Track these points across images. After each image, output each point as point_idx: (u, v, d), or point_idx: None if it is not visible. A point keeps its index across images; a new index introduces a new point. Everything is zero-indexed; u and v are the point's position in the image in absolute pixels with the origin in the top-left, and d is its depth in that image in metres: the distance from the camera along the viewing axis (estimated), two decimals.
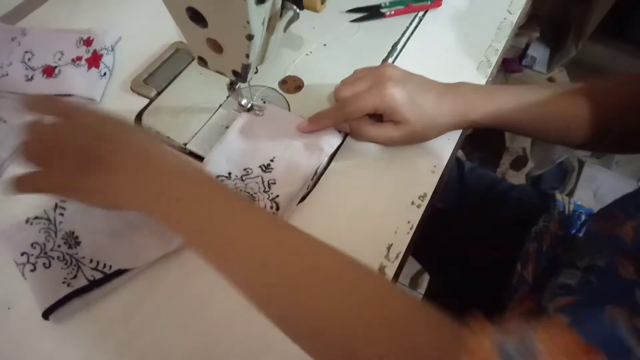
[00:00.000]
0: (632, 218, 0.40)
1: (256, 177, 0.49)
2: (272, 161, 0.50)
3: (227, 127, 0.54)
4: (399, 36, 0.63)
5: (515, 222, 0.64)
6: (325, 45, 0.62)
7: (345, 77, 0.53)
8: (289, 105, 0.56)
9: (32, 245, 0.45)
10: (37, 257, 0.45)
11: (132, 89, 0.58)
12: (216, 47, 0.44)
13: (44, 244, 0.45)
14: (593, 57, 1.37)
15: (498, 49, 0.62)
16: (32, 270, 0.44)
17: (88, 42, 0.59)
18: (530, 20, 1.32)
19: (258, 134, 0.52)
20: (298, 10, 0.42)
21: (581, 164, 1.36)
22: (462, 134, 0.55)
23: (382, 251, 0.47)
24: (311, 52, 0.61)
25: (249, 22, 0.38)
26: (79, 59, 0.58)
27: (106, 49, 0.59)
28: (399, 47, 0.62)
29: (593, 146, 0.54)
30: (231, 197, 0.38)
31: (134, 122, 0.55)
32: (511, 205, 0.66)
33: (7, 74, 0.57)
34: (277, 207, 0.47)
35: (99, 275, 0.44)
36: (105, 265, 0.44)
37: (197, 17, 0.41)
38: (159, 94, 0.58)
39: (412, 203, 0.50)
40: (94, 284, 0.43)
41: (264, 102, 0.55)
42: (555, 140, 0.55)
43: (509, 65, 1.48)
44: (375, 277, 0.38)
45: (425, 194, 0.51)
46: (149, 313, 0.44)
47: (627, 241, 0.39)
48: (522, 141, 1.21)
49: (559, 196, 0.64)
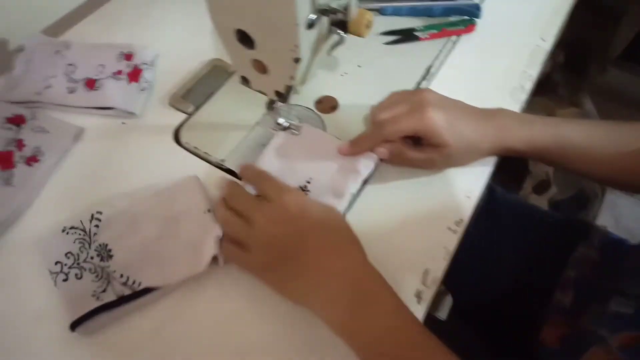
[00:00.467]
0: None
1: None
2: (308, 182, 0.51)
3: (263, 145, 0.55)
4: (433, 60, 0.63)
5: (549, 249, 0.64)
6: (359, 66, 0.63)
7: (382, 100, 0.53)
8: (324, 125, 0.57)
9: (66, 254, 0.46)
10: (70, 267, 0.45)
11: (170, 104, 0.59)
12: (261, 67, 0.45)
13: (78, 255, 0.46)
14: (617, 83, 1.37)
15: (532, 75, 0.62)
16: (64, 280, 0.44)
17: (129, 56, 0.61)
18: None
19: (295, 154, 0.53)
20: (344, 35, 0.43)
21: (603, 190, 1.34)
22: (496, 160, 0.55)
23: (418, 276, 0.47)
24: (346, 73, 0.62)
25: (297, 46, 0.39)
26: (120, 73, 0.60)
27: (146, 63, 0.60)
28: (432, 70, 0.62)
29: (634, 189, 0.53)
30: None
31: (172, 137, 0.56)
32: (544, 232, 0.66)
33: (50, 86, 0.58)
34: None
35: (127, 292, 0.44)
36: (134, 281, 0.44)
37: (245, 39, 0.42)
38: (196, 109, 0.59)
39: (449, 228, 0.50)
40: (122, 300, 0.43)
41: (300, 122, 0.56)
42: (593, 177, 0.55)
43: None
44: None
45: (461, 220, 0.51)
46: (175, 333, 0.44)
47: None
48: (545, 165, 1.20)
49: (598, 225, 0.64)
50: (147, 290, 0.44)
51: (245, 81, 0.49)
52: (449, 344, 0.40)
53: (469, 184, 0.53)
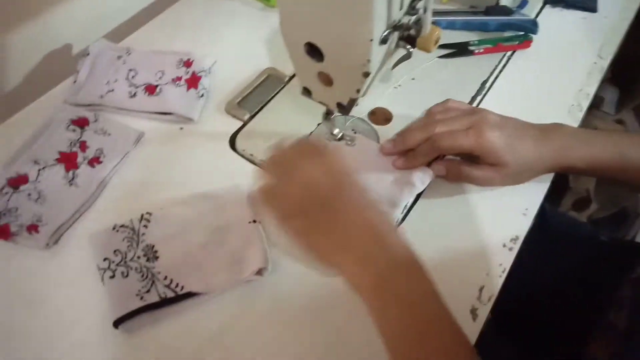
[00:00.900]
0: None
1: None
2: None
3: None
4: (488, 74, 0.63)
5: (600, 269, 0.62)
6: (413, 79, 0.63)
7: (436, 105, 0.53)
8: (378, 137, 0.57)
9: (114, 252, 0.47)
10: (118, 265, 0.46)
11: (226, 111, 0.61)
12: (327, 80, 0.45)
13: (126, 253, 0.47)
14: None
15: (589, 94, 0.61)
16: (111, 277, 0.46)
17: (188, 63, 0.62)
18: None
19: (349, 164, 0.53)
20: (411, 50, 0.44)
21: None
22: (553, 177, 0.55)
23: (473, 293, 0.47)
24: (400, 86, 0.62)
25: (369, 61, 0.40)
26: (179, 79, 0.61)
27: (204, 71, 0.62)
28: (487, 85, 0.62)
29: None
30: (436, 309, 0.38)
31: (229, 144, 0.57)
32: (595, 250, 0.64)
33: (113, 90, 0.60)
34: None
35: (170, 294, 0.45)
36: (177, 284, 0.45)
37: (314, 52, 0.43)
38: (251, 117, 0.60)
39: (504, 245, 0.50)
40: (164, 302, 0.44)
41: (355, 133, 0.56)
42: None
43: None
44: None
45: (517, 237, 0.50)
46: (210, 339, 0.44)
47: None
48: (587, 181, 1.18)
49: None
50: (189, 295, 0.45)
51: (307, 92, 0.50)
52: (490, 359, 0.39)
53: (525, 200, 0.53)
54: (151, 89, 0.60)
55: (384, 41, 0.39)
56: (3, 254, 0.49)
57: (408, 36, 0.43)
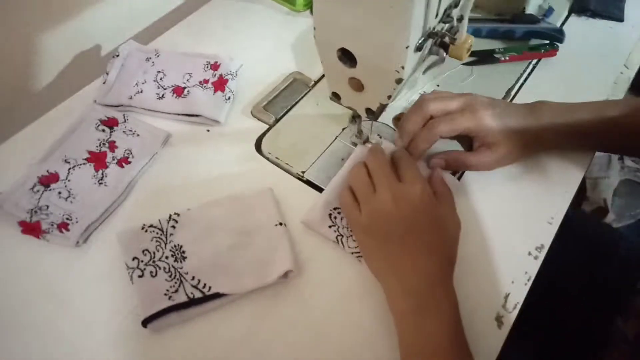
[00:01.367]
0: None
1: None
2: None
3: (342, 159, 0.56)
4: (513, 82, 0.63)
5: (620, 274, 0.62)
6: (438, 85, 0.63)
7: (427, 94, 0.54)
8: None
9: (143, 251, 0.48)
10: (146, 265, 0.47)
11: (252, 114, 0.61)
12: (358, 86, 0.46)
13: (154, 253, 0.48)
14: None
15: None
16: (139, 276, 0.46)
17: (215, 66, 0.63)
18: None
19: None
20: (445, 55, 0.44)
21: None
22: (579, 184, 0.55)
23: (499, 300, 0.47)
24: (424, 92, 0.62)
25: (403, 67, 0.40)
26: (206, 81, 0.62)
27: (231, 74, 0.62)
28: (512, 93, 0.62)
29: None
30: None
31: (254, 147, 0.58)
32: (618, 254, 0.64)
33: (142, 91, 0.61)
34: None
35: (198, 294, 0.45)
36: (205, 285, 0.46)
37: (346, 57, 0.43)
38: (277, 121, 0.60)
39: (529, 254, 0.50)
40: (192, 302, 0.45)
41: (380, 137, 0.57)
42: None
43: None
44: None
45: (542, 245, 0.50)
46: (236, 340, 0.45)
47: None
48: (603, 192, 1.17)
49: None
50: (216, 295, 0.45)
51: (336, 97, 0.50)
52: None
53: (551, 207, 0.53)
54: (179, 91, 0.61)
55: (418, 49, 0.40)
56: (34, 251, 0.50)
57: (441, 43, 0.43)
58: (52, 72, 0.67)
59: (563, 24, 0.71)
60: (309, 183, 0.55)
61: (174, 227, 0.50)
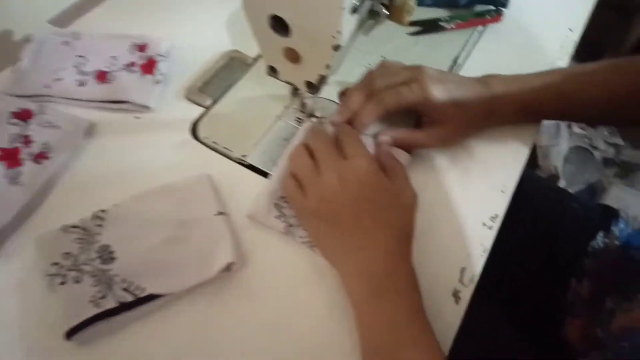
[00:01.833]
0: None
1: None
2: None
3: (286, 140, 0.52)
4: (460, 50, 0.61)
5: (573, 235, 0.62)
6: (383, 57, 0.60)
7: (374, 67, 0.52)
8: None
9: (64, 255, 0.42)
10: (69, 270, 0.42)
11: (186, 97, 0.56)
12: (294, 56, 0.42)
13: (78, 256, 0.43)
14: None
15: (562, 67, 0.60)
16: (61, 283, 0.41)
17: (142, 47, 0.57)
18: None
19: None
20: (386, 13, 0.41)
21: (609, 183, 1.34)
22: (529, 153, 0.53)
23: (455, 275, 0.45)
24: (370, 64, 0.59)
25: (339, 32, 0.37)
26: (133, 64, 0.56)
27: (161, 55, 0.57)
28: (459, 61, 0.60)
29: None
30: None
31: (190, 132, 0.53)
32: (570, 216, 0.64)
33: (60, 79, 0.55)
34: None
35: (129, 298, 0.41)
36: (138, 287, 0.41)
37: (279, 26, 0.39)
38: (214, 103, 0.56)
39: (484, 224, 0.48)
40: (122, 307, 0.40)
41: (324, 114, 0.53)
42: (589, 121, 0.58)
43: None
44: None
45: (496, 215, 0.49)
46: (180, 344, 0.41)
47: None
48: (554, 159, 1.19)
49: (623, 214, 0.62)
50: (151, 297, 0.41)
51: (273, 71, 0.46)
52: (476, 329, 0.42)
53: (503, 177, 0.51)
54: (102, 76, 0.56)
55: (354, 10, 0.36)
56: None
57: (380, 4, 0.40)
58: None
59: None
60: (251, 167, 0.51)
61: (100, 225, 0.45)
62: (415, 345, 0.38)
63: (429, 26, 0.62)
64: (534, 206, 0.67)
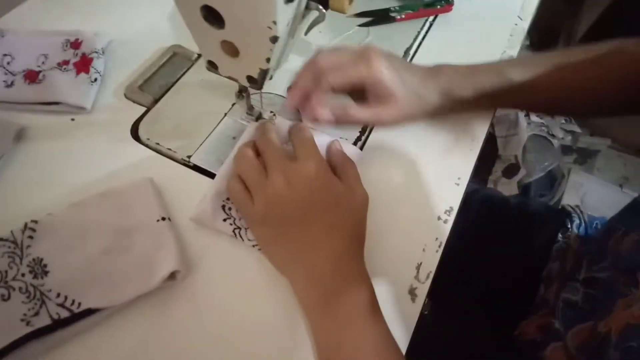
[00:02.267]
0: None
1: None
2: None
3: (234, 138, 0.50)
4: (411, 41, 0.60)
5: (531, 242, 0.62)
6: None
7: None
8: (299, 114, 0.52)
9: None
10: None
11: (126, 96, 0.53)
12: (232, 50, 0.40)
13: (6, 272, 0.39)
14: None
15: (513, 55, 0.60)
16: None
17: (76, 44, 0.54)
18: None
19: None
20: (324, 11, 0.39)
21: (569, 170, 1.37)
22: (482, 144, 0.53)
23: (411, 271, 0.44)
24: None
25: (275, 23, 0.34)
26: (66, 63, 0.53)
27: (96, 52, 0.53)
28: (411, 52, 0.59)
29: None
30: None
31: (130, 134, 0.50)
32: (525, 224, 0.64)
33: None
34: None
35: (65, 314, 0.38)
36: (73, 301, 0.38)
37: (212, 17, 0.37)
38: (156, 101, 0.53)
39: (439, 218, 0.47)
40: (58, 324, 0.37)
41: (273, 113, 0.51)
42: (540, 110, 0.57)
43: None
44: None
45: (451, 208, 0.48)
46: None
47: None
48: (514, 149, 1.21)
49: (570, 209, 0.62)
50: (89, 312, 0.38)
51: (212, 66, 0.44)
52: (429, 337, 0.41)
53: (457, 168, 0.51)
54: (32, 76, 0.52)
55: (290, 0, 0.34)
56: None
57: None
58: None
59: None
60: (197, 169, 0.49)
61: (31, 237, 0.41)
62: (371, 346, 0.37)
63: (379, 17, 0.61)
64: (484, 220, 0.67)
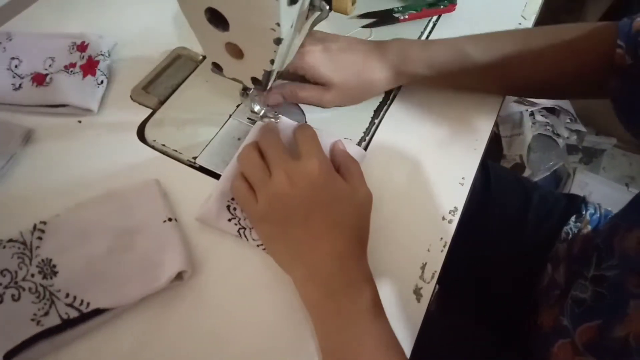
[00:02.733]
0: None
1: None
2: None
3: (239, 139, 0.50)
4: None
5: (542, 223, 0.62)
6: None
7: None
8: (304, 114, 0.53)
9: (2, 272, 0.40)
10: (6, 287, 0.39)
11: (132, 98, 0.53)
12: (236, 52, 0.40)
13: (16, 272, 0.40)
14: None
15: None
16: None
17: (82, 47, 0.54)
18: None
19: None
20: (327, 7, 0.39)
21: (574, 170, 1.36)
22: (487, 142, 0.53)
23: (416, 271, 0.44)
24: None
25: (279, 25, 0.35)
26: (73, 65, 0.53)
27: (102, 54, 0.54)
28: None
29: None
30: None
31: (137, 135, 0.51)
32: (537, 205, 0.64)
33: None
34: None
35: (74, 314, 0.38)
36: (82, 301, 0.39)
37: (216, 19, 0.37)
38: (161, 103, 0.53)
39: (443, 218, 0.47)
40: (67, 324, 0.38)
41: (277, 114, 0.51)
42: (493, 90, 0.55)
43: None
44: None
45: (456, 208, 0.48)
46: None
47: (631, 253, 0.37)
48: (519, 148, 1.20)
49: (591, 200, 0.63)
50: (97, 312, 0.38)
51: (217, 68, 0.44)
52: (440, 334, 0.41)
53: (461, 168, 0.51)
54: (39, 79, 0.52)
55: (293, 1, 0.34)
56: None
57: None
58: None
59: None
60: (203, 170, 0.49)
61: (40, 238, 0.42)
62: (373, 343, 0.37)
63: (382, 17, 0.61)
64: (499, 197, 0.66)
